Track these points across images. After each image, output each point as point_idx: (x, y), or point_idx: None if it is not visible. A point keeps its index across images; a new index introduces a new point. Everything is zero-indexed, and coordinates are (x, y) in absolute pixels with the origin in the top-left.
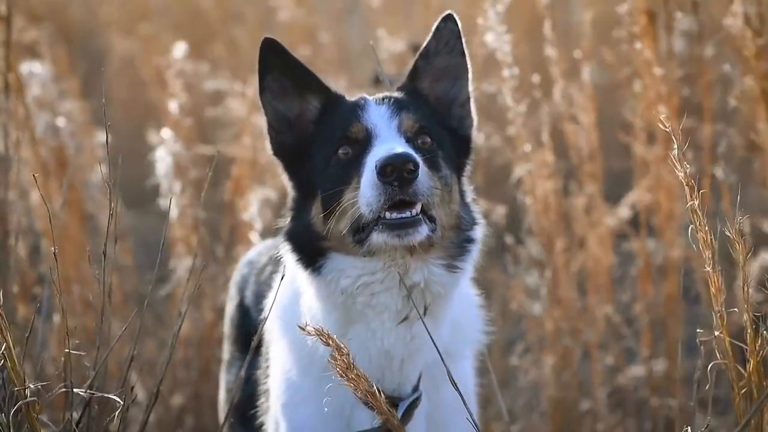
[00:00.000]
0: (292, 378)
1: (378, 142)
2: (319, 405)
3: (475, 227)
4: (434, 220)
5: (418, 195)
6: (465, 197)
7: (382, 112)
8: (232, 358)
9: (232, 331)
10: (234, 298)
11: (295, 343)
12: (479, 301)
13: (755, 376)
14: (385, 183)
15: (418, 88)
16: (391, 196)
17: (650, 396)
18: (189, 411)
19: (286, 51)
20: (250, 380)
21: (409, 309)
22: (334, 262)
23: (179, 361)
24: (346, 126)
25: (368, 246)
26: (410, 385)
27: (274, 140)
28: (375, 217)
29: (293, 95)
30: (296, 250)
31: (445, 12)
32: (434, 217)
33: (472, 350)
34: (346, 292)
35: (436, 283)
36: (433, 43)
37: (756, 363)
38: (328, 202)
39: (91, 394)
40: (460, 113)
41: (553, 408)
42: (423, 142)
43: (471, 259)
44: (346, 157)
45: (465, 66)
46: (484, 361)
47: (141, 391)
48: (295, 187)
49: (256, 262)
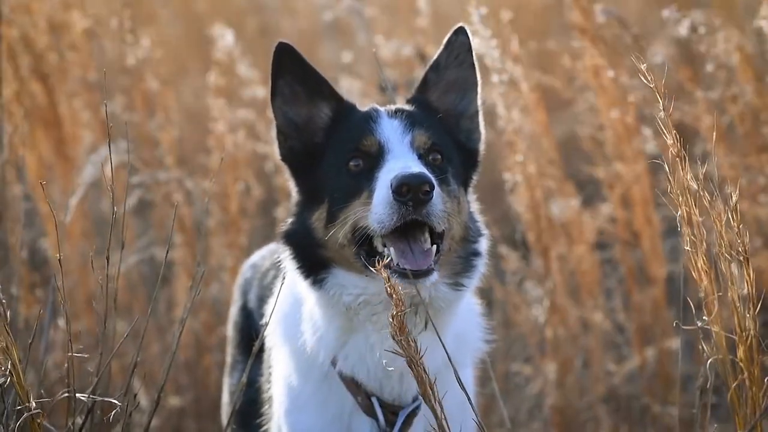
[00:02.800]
0: (292, 384)
1: (391, 157)
2: (320, 411)
3: (480, 239)
4: (442, 236)
5: (430, 216)
6: (470, 207)
7: (395, 126)
8: (234, 362)
9: (235, 334)
10: (237, 302)
11: (296, 350)
12: (480, 309)
13: (745, 363)
14: (399, 202)
15: (428, 101)
16: (404, 215)
17: (651, 403)
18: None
19: (301, 56)
20: (252, 385)
21: (411, 325)
22: (336, 277)
23: (181, 366)
24: (359, 138)
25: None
26: (411, 395)
27: (283, 145)
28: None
29: (304, 101)
30: (296, 257)
31: (457, 25)
32: (443, 234)
33: (472, 359)
34: (349, 308)
35: (440, 299)
36: (444, 55)
37: (745, 350)
38: (335, 211)
39: (93, 400)
40: (468, 126)
41: (556, 415)
42: (434, 158)
43: (476, 276)
44: (356, 169)
45: (475, 79)
46: (486, 369)
47: (143, 397)
48: (300, 192)
49: (260, 265)
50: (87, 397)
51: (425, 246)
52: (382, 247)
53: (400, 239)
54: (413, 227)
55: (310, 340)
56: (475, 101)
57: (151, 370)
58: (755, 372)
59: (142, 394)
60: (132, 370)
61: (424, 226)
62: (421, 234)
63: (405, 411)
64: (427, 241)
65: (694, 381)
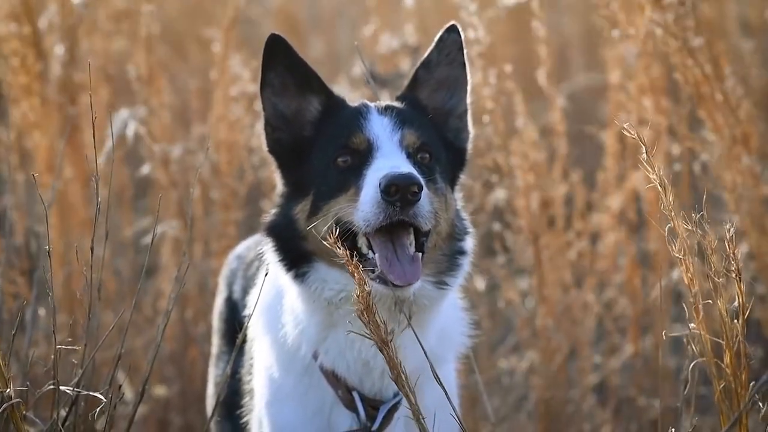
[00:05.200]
0: (273, 376)
1: (379, 155)
2: (300, 404)
3: (466, 237)
4: (428, 234)
5: (417, 218)
6: (456, 205)
7: (385, 124)
8: (219, 352)
9: (221, 325)
10: (222, 292)
11: (277, 342)
12: (463, 303)
13: (730, 369)
14: (387, 202)
15: (418, 98)
16: (391, 215)
17: (637, 395)
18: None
19: (291, 48)
20: (237, 376)
21: (393, 323)
22: (318, 272)
23: (166, 357)
24: (348, 134)
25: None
26: (392, 390)
27: (270, 137)
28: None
29: (294, 93)
30: (279, 250)
31: (449, 23)
32: (428, 233)
33: (455, 354)
34: (330, 302)
35: (424, 297)
36: (435, 53)
37: (731, 356)
38: (319, 204)
39: (77, 392)
40: (457, 125)
41: (541, 408)
42: (422, 157)
43: (461, 274)
44: (344, 165)
45: (465, 78)
46: (470, 362)
47: (128, 389)
48: (285, 184)
49: (245, 256)
50: (71, 390)
51: (410, 250)
52: (366, 249)
53: (385, 244)
54: (398, 225)
55: (291, 333)
56: (465, 100)
57: (136, 361)
58: (743, 377)
59: (126, 386)
60: (116, 362)
61: (410, 226)
62: (406, 234)
63: (386, 406)
64: (412, 244)
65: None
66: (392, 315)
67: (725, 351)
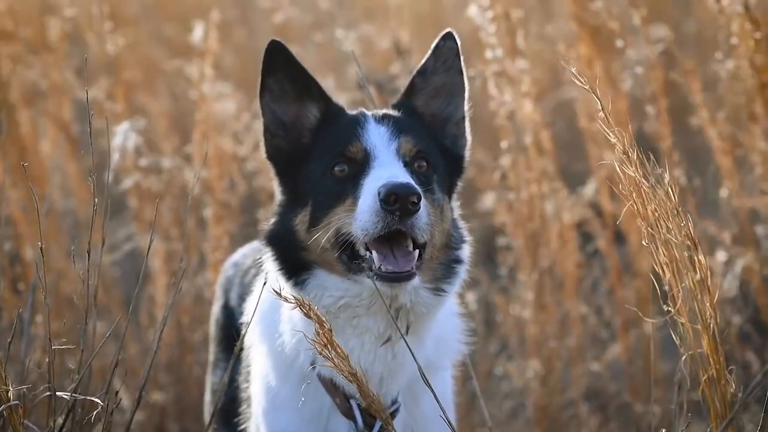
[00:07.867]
0: (270, 384)
1: (376, 164)
2: (298, 411)
3: (463, 245)
4: (424, 246)
5: (414, 228)
6: (453, 214)
7: (382, 132)
8: (216, 360)
9: (217, 332)
10: (219, 300)
11: (274, 350)
12: (459, 310)
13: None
14: (386, 211)
15: (414, 106)
16: (389, 224)
17: (633, 401)
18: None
19: (291, 55)
20: (234, 383)
21: (392, 331)
22: (318, 279)
23: (162, 365)
24: (345, 143)
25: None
26: (390, 398)
27: (269, 143)
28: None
29: (293, 100)
30: (278, 259)
31: (445, 30)
32: (424, 245)
33: (452, 361)
34: (329, 310)
35: (421, 304)
36: (432, 60)
37: (709, 339)
38: (318, 215)
39: (74, 398)
40: (454, 132)
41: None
42: (419, 166)
43: (458, 282)
44: (342, 174)
45: (462, 85)
46: (467, 369)
47: (124, 395)
48: (284, 192)
49: (242, 264)
50: (68, 396)
51: (408, 248)
52: (365, 251)
53: (382, 244)
54: (396, 234)
55: (289, 342)
56: (462, 106)
57: (132, 368)
58: (720, 360)
59: (123, 392)
60: (113, 368)
61: (407, 236)
62: (404, 240)
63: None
64: (409, 246)
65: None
66: (389, 325)
67: (702, 335)
